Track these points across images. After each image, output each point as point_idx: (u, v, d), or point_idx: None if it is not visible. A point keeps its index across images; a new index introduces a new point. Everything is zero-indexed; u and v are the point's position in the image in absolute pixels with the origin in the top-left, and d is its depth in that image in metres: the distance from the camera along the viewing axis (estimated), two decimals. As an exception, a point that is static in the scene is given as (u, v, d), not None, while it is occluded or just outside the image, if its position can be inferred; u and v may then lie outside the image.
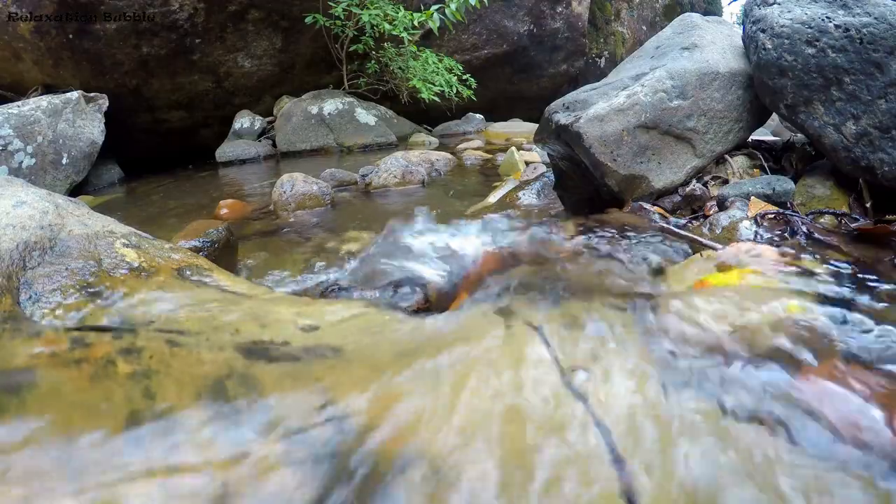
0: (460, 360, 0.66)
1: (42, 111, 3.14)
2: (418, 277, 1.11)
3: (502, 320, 0.76)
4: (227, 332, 0.72)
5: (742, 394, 0.60)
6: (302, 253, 1.50)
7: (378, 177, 2.44)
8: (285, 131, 4.27)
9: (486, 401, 0.58)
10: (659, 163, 1.39)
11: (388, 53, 4.63)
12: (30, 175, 2.96)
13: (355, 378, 0.61)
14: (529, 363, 0.65)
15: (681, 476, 0.50)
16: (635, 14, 7.58)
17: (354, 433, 0.53)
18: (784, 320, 0.73)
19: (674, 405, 0.58)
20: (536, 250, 1.18)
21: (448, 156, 3.02)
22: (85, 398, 0.52)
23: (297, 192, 2.12)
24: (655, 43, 1.66)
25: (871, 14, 1.15)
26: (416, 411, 0.56)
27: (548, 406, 0.58)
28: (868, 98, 1.15)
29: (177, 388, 0.55)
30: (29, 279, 0.82)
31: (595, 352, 0.68)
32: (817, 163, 1.40)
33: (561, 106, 1.48)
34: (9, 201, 0.93)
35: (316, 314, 0.80)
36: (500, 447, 0.52)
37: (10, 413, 0.50)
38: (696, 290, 0.92)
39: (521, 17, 5.69)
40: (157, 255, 0.98)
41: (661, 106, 1.36)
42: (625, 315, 0.76)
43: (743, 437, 0.54)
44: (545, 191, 1.83)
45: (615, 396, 0.59)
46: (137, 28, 3.85)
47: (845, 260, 0.98)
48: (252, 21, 4.24)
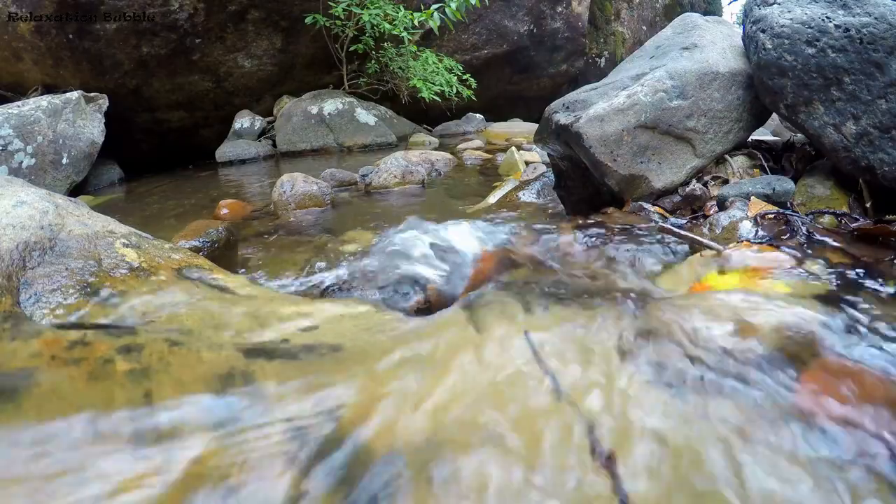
0: (454, 360, 0.66)
1: (42, 111, 3.14)
2: (418, 277, 1.11)
3: (501, 321, 0.76)
4: (226, 332, 0.72)
5: (730, 392, 0.60)
6: (302, 253, 1.50)
7: (378, 177, 2.44)
8: (285, 131, 4.28)
9: (473, 401, 0.58)
10: (659, 163, 1.39)
11: (388, 53, 4.63)
12: (30, 175, 2.96)
13: (355, 377, 0.61)
14: (521, 365, 0.65)
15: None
16: (635, 14, 7.58)
17: (349, 427, 0.53)
18: (783, 320, 0.73)
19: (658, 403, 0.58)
20: (536, 250, 1.18)
21: (448, 156, 3.02)
22: (84, 397, 0.52)
23: (297, 192, 2.12)
24: (655, 43, 1.66)
25: (871, 14, 1.15)
26: (411, 408, 0.56)
27: (542, 417, 0.58)
28: (868, 98, 1.15)
29: (177, 387, 0.55)
30: (29, 279, 0.82)
31: (589, 355, 0.68)
32: (817, 163, 1.40)
33: (561, 106, 1.48)
34: (9, 201, 0.93)
35: (316, 314, 0.80)
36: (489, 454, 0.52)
37: (10, 413, 0.50)
38: (695, 290, 0.92)
39: (521, 17, 5.69)
40: (157, 254, 0.98)
41: (661, 106, 1.36)
42: (623, 315, 0.76)
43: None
44: (545, 191, 1.83)
45: (603, 398, 0.60)
46: (137, 28, 3.85)
47: (845, 260, 0.98)
48: (252, 21, 4.24)
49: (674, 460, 0.52)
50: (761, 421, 0.56)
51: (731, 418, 0.57)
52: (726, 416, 0.57)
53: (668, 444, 0.53)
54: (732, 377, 0.63)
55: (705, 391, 0.61)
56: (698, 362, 0.65)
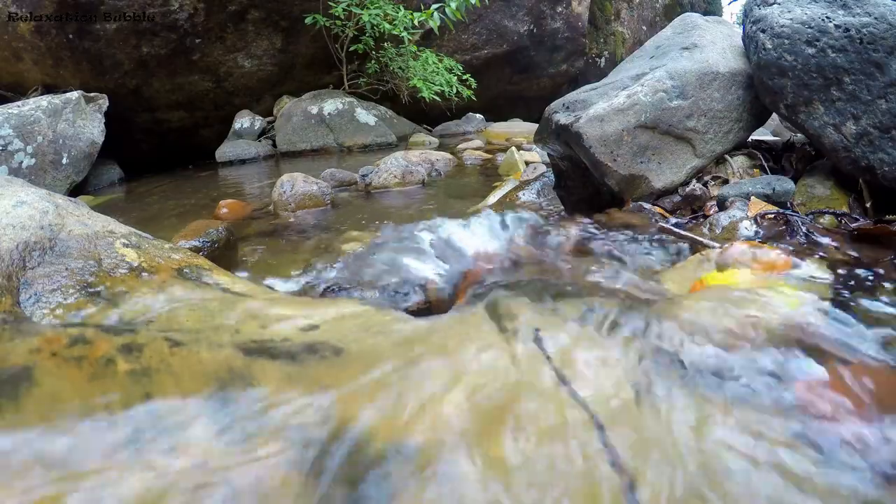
0: (454, 360, 0.66)
1: (42, 111, 3.14)
2: (418, 277, 1.11)
3: (500, 321, 0.76)
4: (226, 332, 0.72)
5: (735, 391, 0.60)
6: (302, 253, 1.50)
7: (378, 177, 2.44)
8: (285, 131, 4.28)
9: (474, 398, 0.58)
10: (659, 163, 1.39)
11: (388, 53, 4.63)
12: (30, 175, 2.96)
13: (356, 378, 0.61)
14: (523, 364, 0.65)
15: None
16: (635, 14, 7.58)
17: (350, 428, 0.53)
18: (781, 320, 0.73)
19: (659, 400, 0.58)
20: (536, 250, 1.18)
21: (448, 156, 3.02)
22: (84, 397, 0.52)
23: (296, 192, 2.12)
24: (655, 43, 1.66)
25: (871, 14, 1.15)
26: (413, 410, 0.56)
27: (545, 414, 0.58)
28: (868, 98, 1.15)
29: (177, 387, 0.55)
30: (29, 279, 0.82)
31: (588, 352, 0.68)
32: (817, 163, 1.40)
33: (561, 106, 1.48)
34: (9, 201, 0.93)
35: (315, 314, 0.80)
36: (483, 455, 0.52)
37: (9, 413, 0.50)
38: (695, 289, 0.92)
39: (521, 17, 5.69)
40: (157, 254, 0.98)
41: (661, 106, 1.36)
42: (624, 315, 0.76)
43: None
44: (545, 191, 1.83)
45: (607, 394, 0.60)
46: (137, 28, 3.85)
47: (845, 260, 0.98)
48: (252, 21, 4.24)
49: (687, 467, 0.52)
50: (768, 418, 0.56)
51: (743, 418, 0.57)
52: (740, 417, 0.57)
53: (682, 450, 0.53)
54: (737, 376, 0.63)
55: (710, 391, 0.61)
56: (700, 361, 0.65)
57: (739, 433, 0.55)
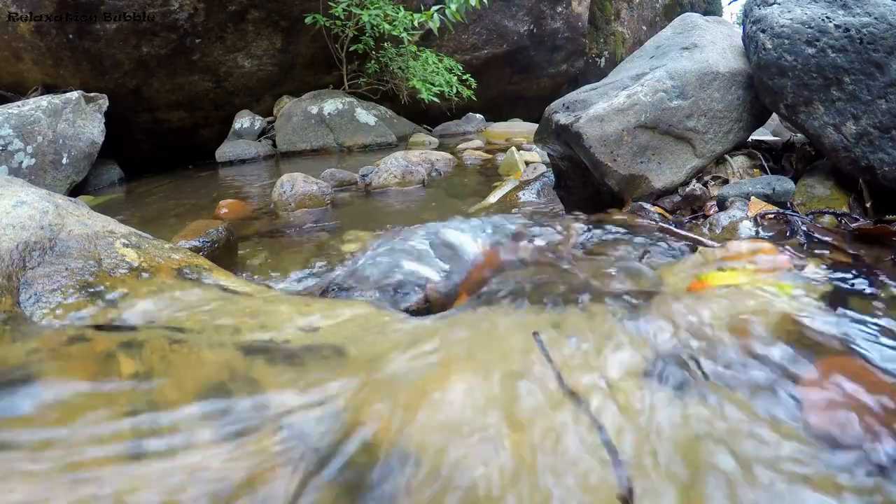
0: (454, 360, 0.66)
1: (42, 111, 3.14)
2: (418, 277, 1.11)
3: (500, 321, 0.76)
4: (227, 332, 0.72)
5: (736, 389, 0.60)
6: (302, 253, 1.50)
7: (378, 177, 2.44)
8: (285, 131, 4.27)
9: (477, 401, 0.58)
10: (659, 163, 1.39)
11: (388, 53, 4.62)
12: (30, 175, 2.96)
13: (356, 378, 0.61)
14: (527, 367, 0.65)
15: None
16: (635, 14, 7.58)
17: (351, 428, 0.53)
18: (781, 319, 0.73)
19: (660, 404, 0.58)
20: (536, 250, 1.18)
21: (448, 156, 3.02)
22: (84, 396, 0.52)
23: (297, 192, 2.12)
24: (655, 43, 1.66)
25: (871, 14, 1.15)
26: (414, 410, 0.56)
27: (545, 416, 0.58)
28: (868, 98, 1.15)
29: (177, 386, 0.55)
30: (29, 279, 0.82)
31: (589, 354, 0.68)
32: (817, 163, 1.40)
33: (561, 106, 1.48)
34: (9, 201, 0.93)
35: (316, 314, 0.80)
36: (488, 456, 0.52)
37: (9, 413, 0.50)
38: (695, 289, 0.92)
39: (521, 17, 5.69)
40: (157, 254, 0.98)
41: (661, 106, 1.36)
42: (625, 315, 0.76)
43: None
44: (545, 191, 1.83)
45: (610, 401, 0.60)
46: (137, 28, 3.85)
47: (845, 260, 0.98)
48: (252, 21, 4.24)
49: (680, 459, 0.52)
50: (767, 418, 0.56)
51: (740, 417, 0.57)
52: (736, 416, 0.57)
53: (678, 446, 0.53)
54: (737, 375, 0.63)
55: (710, 390, 0.61)
56: (701, 360, 0.65)
57: (740, 428, 0.55)
